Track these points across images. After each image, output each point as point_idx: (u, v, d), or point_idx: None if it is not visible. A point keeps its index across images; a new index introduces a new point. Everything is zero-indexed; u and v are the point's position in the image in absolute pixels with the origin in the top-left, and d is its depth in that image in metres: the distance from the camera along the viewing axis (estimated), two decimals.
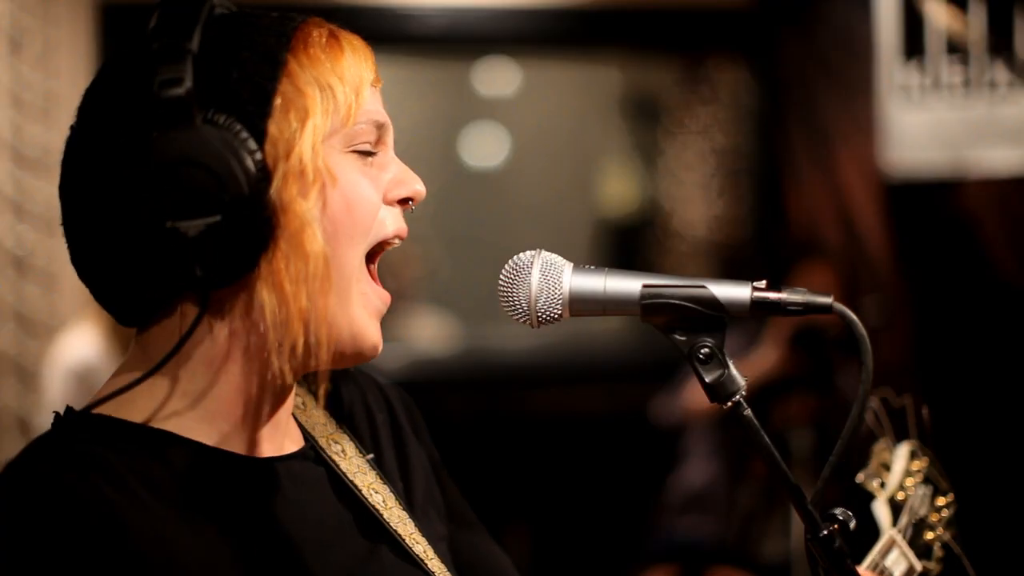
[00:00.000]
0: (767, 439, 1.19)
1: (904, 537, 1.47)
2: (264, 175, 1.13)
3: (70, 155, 1.20)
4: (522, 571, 1.52)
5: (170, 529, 1.12)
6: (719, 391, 1.19)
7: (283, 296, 1.15)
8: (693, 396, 4.37)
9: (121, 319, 1.23)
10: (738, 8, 6.06)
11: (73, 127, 1.20)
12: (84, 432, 1.16)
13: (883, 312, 4.49)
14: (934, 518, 1.52)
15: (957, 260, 4.64)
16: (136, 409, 1.18)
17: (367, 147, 1.22)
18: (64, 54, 4.90)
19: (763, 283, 1.20)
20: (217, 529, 1.15)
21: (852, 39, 5.01)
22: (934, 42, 4.17)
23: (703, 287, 1.20)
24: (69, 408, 1.20)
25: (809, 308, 1.19)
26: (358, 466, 1.32)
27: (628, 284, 1.21)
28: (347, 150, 1.20)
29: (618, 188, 7.03)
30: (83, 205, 1.18)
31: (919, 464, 1.56)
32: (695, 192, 6.38)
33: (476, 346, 6.18)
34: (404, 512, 1.33)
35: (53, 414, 1.20)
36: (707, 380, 1.19)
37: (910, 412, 1.56)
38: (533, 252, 1.23)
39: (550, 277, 1.22)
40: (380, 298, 1.24)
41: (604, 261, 5.55)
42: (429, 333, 6.25)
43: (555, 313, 1.22)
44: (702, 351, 1.19)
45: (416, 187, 1.26)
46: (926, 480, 1.55)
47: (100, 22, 5.14)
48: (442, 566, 1.32)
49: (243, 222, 1.12)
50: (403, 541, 1.29)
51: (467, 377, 5.98)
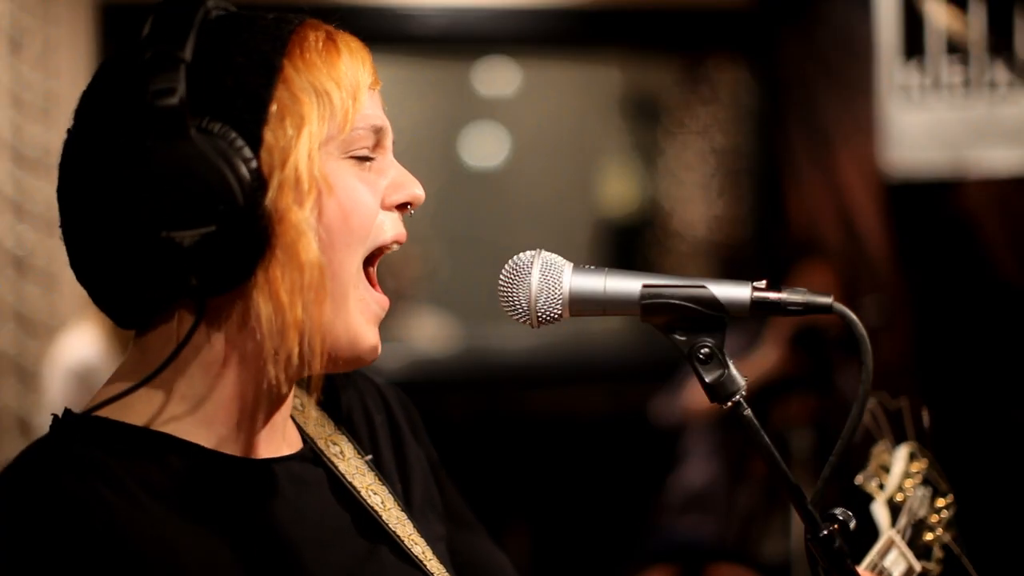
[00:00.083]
0: (767, 439, 1.19)
1: (903, 538, 1.47)
2: (259, 183, 1.13)
3: (67, 160, 1.19)
4: (522, 571, 1.52)
5: (169, 531, 1.12)
6: (719, 391, 1.19)
7: (279, 305, 1.14)
8: (693, 396, 4.36)
9: (119, 322, 1.23)
10: (738, 8, 6.06)
11: (70, 131, 1.20)
12: (83, 435, 1.16)
13: (883, 312, 4.49)
14: (933, 519, 1.52)
15: (957, 260, 4.63)
16: (134, 412, 1.18)
17: (365, 152, 1.21)
18: (64, 54, 4.90)
19: (763, 283, 1.20)
20: (216, 531, 1.15)
21: (852, 39, 5.01)
22: (934, 42, 4.17)
23: (703, 287, 1.20)
24: (67, 411, 1.20)
25: (809, 308, 1.19)
26: (356, 467, 1.32)
27: (628, 284, 1.21)
28: (344, 156, 1.19)
29: (618, 188, 7.03)
30: (80, 210, 1.18)
31: (918, 466, 1.56)
32: (695, 192, 6.38)
33: (476, 346, 6.18)
34: (403, 513, 1.33)
35: (51, 416, 1.20)
36: (707, 380, 1.19)
37: (907, 414, 1.56)
38: (533, 252, 1.23)
39: (550, 277, 1.22)
40: (378, 303, 1.24)
41: (604, 261, 5.56)
42: (429, 333, 6.25)
43: (555, 313, 1.22)
44: (702, 351, 1.19)
45: (415, 191, 1.25)
46: (925, 481, 1.55)
47: (100, 22, 5.14)
48: (440, 566, 1.32)
49: (238, 232, 1.11)
50: (402, 542, 1.29)
51: (467, 377, 5.98)
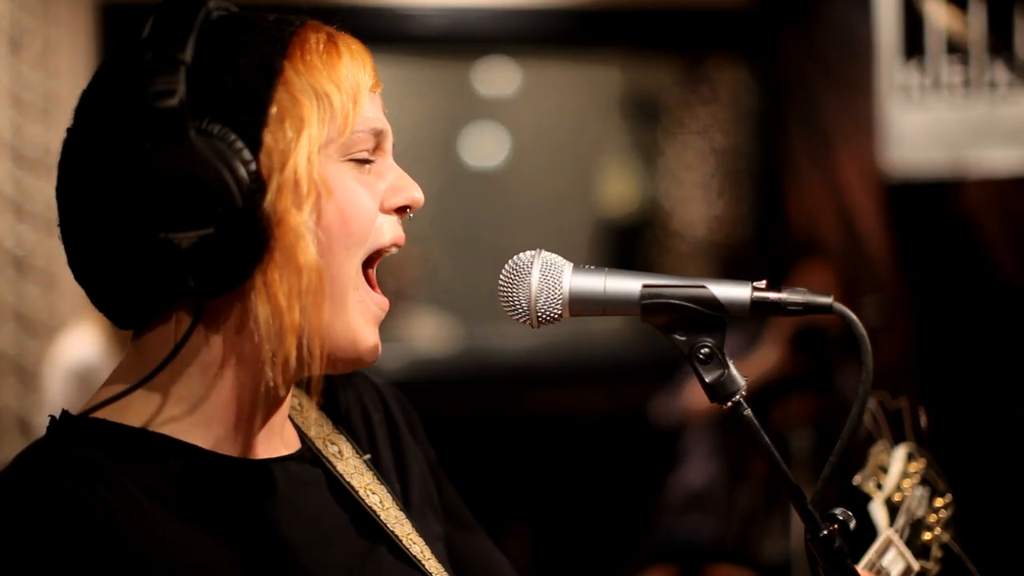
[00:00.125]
0: (767, 439, 1.19)
1: (901, 537, 1.47)
2: (258, 186, 1.12)
3: (66, 159, 1.19)
4: (522, 571, 1.52)
5: (168, 533, 1.12)
6: (719, 391, 1.19)
7: (277, 308, 1.14)
8: (693, 396, 4.36)
9: (117, 322, 1.23)
10: (738, 8, 6.06)
11: (69, 130, 1.19)
12: (81, 437, 1.16)
13: (883, 312, 4.49)
14: (932, 519, 1.52)
15: (957, 260, 4.63)
16: (132, 413, 1.18)
17: (364, 155, 1.21)
18: (64, 54, 4.90)
19: (763, 283, 1.20)
20: (214, 532, 1.15)
21: (852, 39, 5.01)
22: (934, 42, 4.17)
23: (703, 287, 1.20)
24: (65, 412, 1.19)
25: (809, 308, 1.19)
26: (355, 466, 1.32)
27: (628, 284, 1.21)
28: (344, 159, 1.19)
29: (618, 188, 7.03)
30: (78, 210, 1.18)
31: (916, 466, 1.56)
32: (695, 192, 6.38)
33: (476, 346, 6.18)
34: (401, 512, 1.33)
35: (49, 418, 1.19)
36: (707, 380, 1.19)
37: (906, 414, 1.56)
38: (533, 252, 1.23)
39: (550, 277, 1.22)
40: (378, 304, 1.24)
41: (604, 261, 5.55)
42: (429, 333, 6.25)
43: (555, 313, 1.22)
44: (702, 351, 1.19)
45: (414, 195, 1.25)
46: (924, 481, 1.55)
47: (100, 22, 5.14)
48: (439, 566, 1.32)
49: (236, 234, 1.11)
50: (400, 541, 1.29)
51: (467, 377, 5.98)
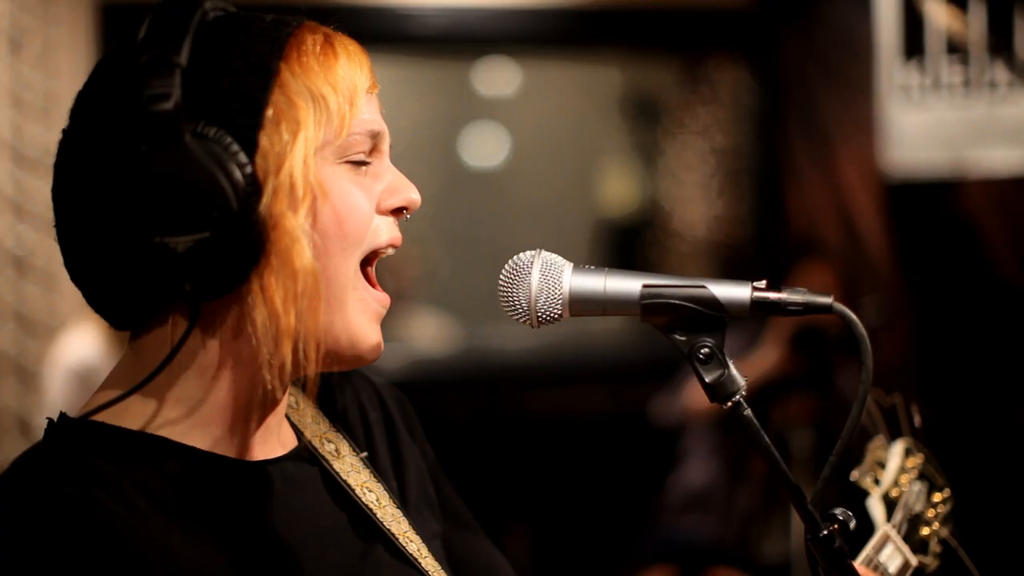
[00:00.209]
0: (767, 439, 1.19)
1: (899, 533, 1.47)
2: (254, 189, 1.12)
3: (62, 161, 1.19)
4: (522, 571, 1.52)
5: (166, 536, 1.12)
6: (719, 391, 1.19)
7: (273, 312, 1.14)
8: (693, 396, 4.36)
9: (114, 323, 1.22)
10: (738, 8, 6.06)
11: (65, 131, 1.19)
12: (79, 440, 1.16)
13: (883, 312, 4.49)
14: (930, 514, 1.52)
15: (957, 260, 4.64)
16: (130, 416, 1.18)
17: (361, 157, 1.21)
18: (64, 54, 4.90)
19: (763, 283, 1.20)
20: (213, 534, 1.15)
21: (852, 39, 5.01)
22: (934, 42, 4.17)
23: (703, 287, 1.20)
24: (63, 415, 1.19)
25: (809, 308, 1.19)
26: (352, 465, 1.32)
27: (628, 284, 1.21)
28: (340, 161, 1.19)
29: (618, 188, 7.03)
30: (74, 213, 1.17)
31: (914, 461, 1.56)
32: (695, 192, 6.38)
33: (476, 346, 6.18)
34: (398, 510, 1.33)
35: (47, 420, 1.19)
36: (707, 380, 1.19)
37: (902, 410, 1.56)
38: (533, 252, 1.23)
39: (550, 277, 1.22)
40: (378, 301, 1.24)
41: (604, 261, 5.56)
42: (429, 333, 6.25)
43: (555, 313, 1.22)
44: (702, 351, 1.19)
45: (411, 196, 1.24)
46: (921, 476, 1.55)
47: (100, 22, 5.14)
48: (436, 564, 1.32)
49: (232, 238, 1.11)
50: (396, 540, 1.29)
51: (467, 377, 5.98)
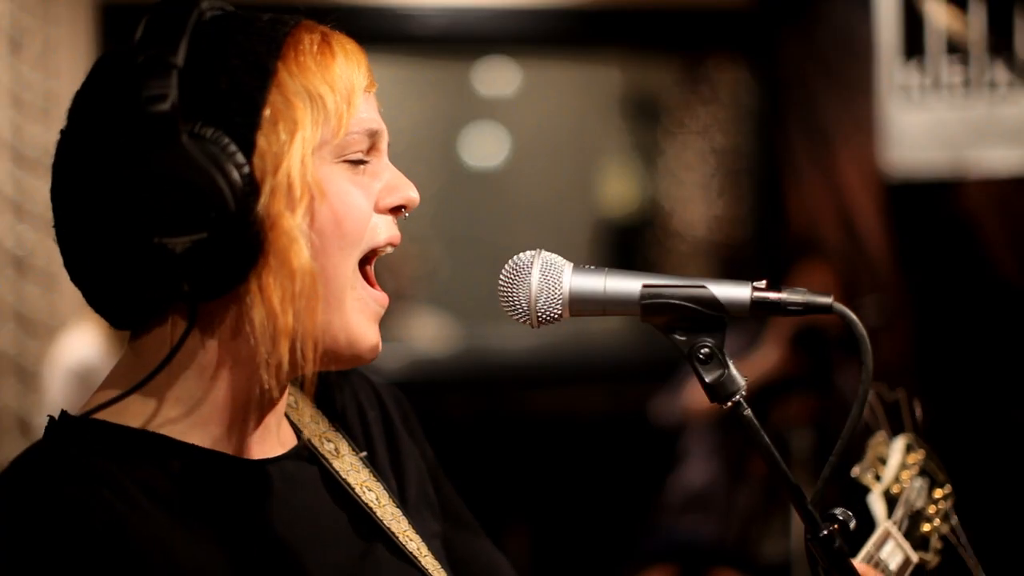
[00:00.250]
0: (767, 439, 1.19)
1: (900, 529, 1.47)
2: (252, 189, 1.12)
3: (60, 162, 1.19)
4: (522, 571, 1.52)
5: (169, 534, 1.12)
6: (719, 391, 1.19)
7: (271, 312, 1.14)
8: (693, 396, 4.36)
9: (114, 323, 1.23)
10: (738, 8, 6.06)
11: (63, 132, 1.19)
12: (80, 438, 1.16)
13: (883, 312, 4.49)
14: (931, 510, 1.52)
15: (957, 260, 4.63)
16: (130, 415, 1.18)
17: (359, 155, 1.21)
18: (64, 54, 4.90)
19: (763, 283, 1.20)
20: (214, 532, 1.15)
21: (852, 39, 5.01)
22: (934, 42, 4.17)
23: (703, 287, 1.20)
24: (64, 413, 1.19)
25: (809, 308, 1.19)
26: (351, 464, 1.32)
27: (628, 284, 1.21)
28: (338, 160, 1.19)
29: (618, 188, 7.03)
30: (72, 213, 1.17)
31: (915, 457, 1.55)
32: (695, 192, 6.38)
33: (476, 346, 6.18)
34: (397, 509, 1.33)
35: (47, 418, 1.19)
36: (707, 380, 1.19)
37: (904, 405, 1.56)
38: (533, 252, 1.23)
39: (550, 277, 1.22)
40: (377, 301, 1.24)
41: (604, 261, 5.55)
42: (429, 333, 6.25)
43: (555, 313, 1.22)
44: (702, 351, 1.19)
45: (409, 194, 1.24)
46: (923, 472, 1.55)
47: (100, 22, 5.14)
48: (436, 563, 1.33)
49: (230, 238, 1.11)
50: (396, 539, 1.29)
51: (467, 377, 5.98)
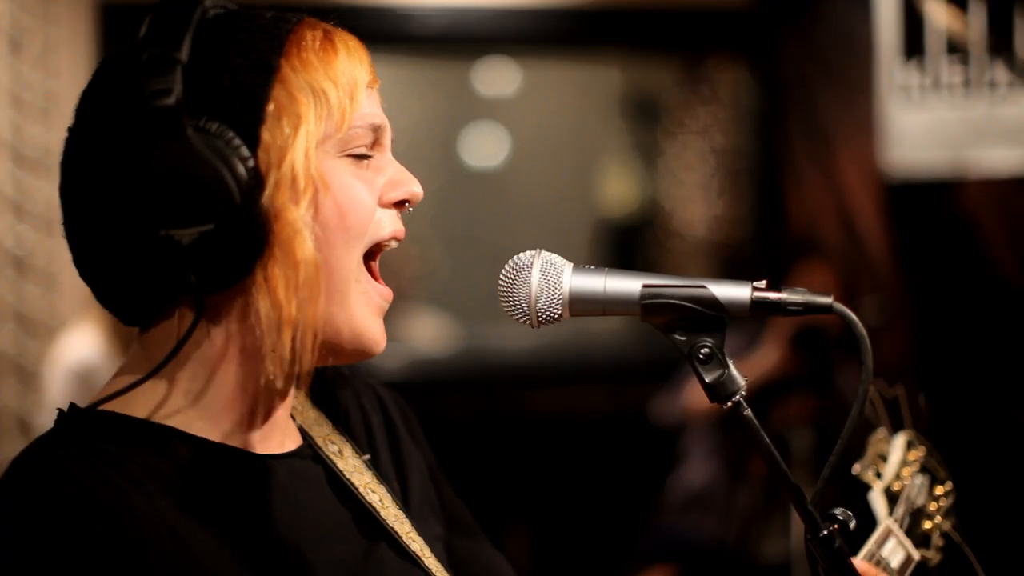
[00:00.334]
0: (767, 439, 1.19)
1: (901, 527, 1.47)
2: (257, 182, 1.14)
3: (68, 159, 1.21)
4: (522, 571, 1.52)
5: (176, 521, 1.13)
6: (719, 391, 1.19)
7: (276, 302, 1.16)
8: (693, 396, 4.36)
9: (123, 319, 1.24)
10: (738, 8, 6.06)
11: (70, 130, 1.21)
12: (90, 427, 1.18)
13: (883, 312, 4.49)
14: (932, 507, 1.52)
15: (957, 260, 4.63)
16: (138, 406, 1.20)
17: (362, 150, 1.22)
18: (64, 54, 4.90)
19: (763, 283, 1.20)
20: (219, 521, 1.16)
21: (852, 39, 5.01)
22: (934, 42, 4.17)
23: (703, 287, 1.20)
24: (73, 405, 1.21)
25: (809, 308, 1.19)
26: (355, 466, 1.33)
27: (628, 284, 1.21)
28: (342, 154, 1.21)
29: (618, 188, 7.03)
30: (81, 209, 1.19)
31: (916, 454, 1.55)
32: (695, 192, 6.38)
33: (476, 346, 6.18)
34: (401, 512, 1.34)
35: (57, 411, 1.20)
36: (707, 380, 1.19)
37: (904, 402, 1.56)
38: (533, 252, 1.24)
39: (550, 277, 1.22)
40: (382, 295, 1.25)
41: (604, 261, 5.56)
42: (429, 333, 6.24)
43: (555, 313, 1.22)
44: (702, 351, 1.19)
45: (412, 189, 1.26)
46: (923, 469, 1.55)
47: (100, 22, 5.14)
48: (439, 564, 1.33)
49: (236, 230, 1.13)
50: (400, 539, 1.30)
51: (467, 377, 5.98)
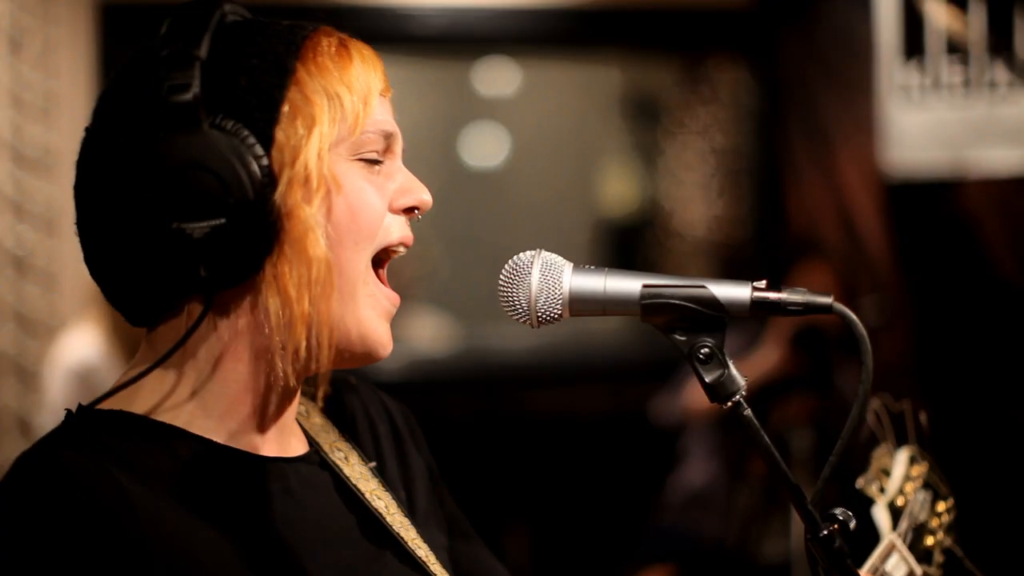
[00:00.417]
0: (767, 439, 1.19)
1: (904, 542, 1.47)
2: (270, 180, 1.15)
3: (84, 157, 1.22)
4: (522, 571, 1.52)
5: (180, 519, 1.14)
6: (719, 391, 1.19)
7: (287, 299, 1.17)
8: (693, 396, 4.36)
9: (131, 319, 1.25)
10: (738, 8, 6.06)
11: (88, 129, 1.23)
12: (95, 424, 1.18)
13: (883, 312, 4.49)
14: (934, 523, 1.52)
15: (957, 260, 4.63)
16: (144, 404, 1.20)
17: (374, 155, 1.24)
18: (64, 54, 4.90)
19: (763, 283, 1.20)
20: (226, 524, 1.17)
21: (852, 39, 5.01)
22: (934, 42, 4.17)
23: (703, 287, 1.20)
24: (80, 405, 1.22)
25: (809, 308, 1.19)
26: (361, 473, 1.34)
27: (628, 284, 1.21)
28: (354, 158, 1.22)
29: (618, 188, 7.03)
30: (95, 206, 1.20)
31: (919, 469, 1.55)
32: (695, 192, 6.38)
33: (476, 346, 6.18)
34: (406, 519, 1.34)
35: (65, 411, 1.21)
36: (707, 380, 1.19)
37: (908, 417, 1.56)
38: (533, 252, 1.24)
39: (550, 277, 1.22)
40: (389, 299, 1.26)
41: (604, 261, 5.55)
42: (429, 333, 6.25)
43: (555, 313, 1.22)
44: (702, 351, 1.19)
45: (422, 197, 1.27)
46: (926, 485, 1.55)
47: (100, 22, 5.14)
48: (444, 571, 1.34)
49: (247, 226, 1.14)
50: (406, 545, 1.30)
51: (467, 377, 5.98)
